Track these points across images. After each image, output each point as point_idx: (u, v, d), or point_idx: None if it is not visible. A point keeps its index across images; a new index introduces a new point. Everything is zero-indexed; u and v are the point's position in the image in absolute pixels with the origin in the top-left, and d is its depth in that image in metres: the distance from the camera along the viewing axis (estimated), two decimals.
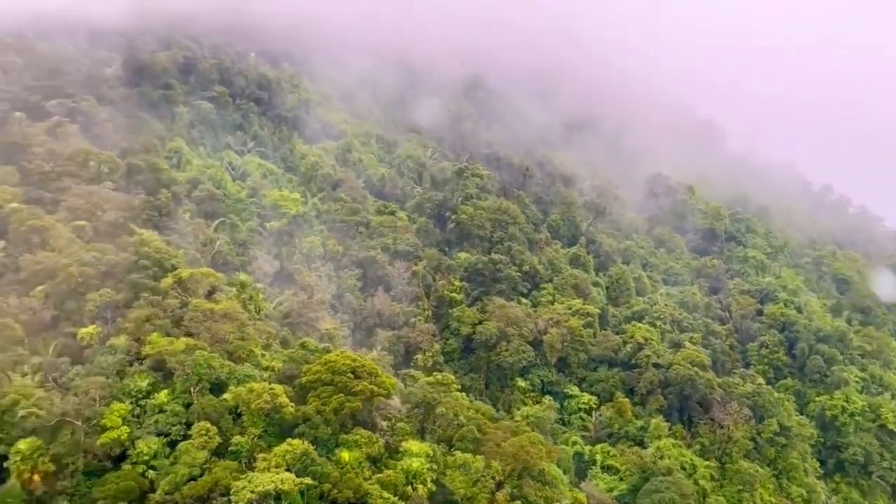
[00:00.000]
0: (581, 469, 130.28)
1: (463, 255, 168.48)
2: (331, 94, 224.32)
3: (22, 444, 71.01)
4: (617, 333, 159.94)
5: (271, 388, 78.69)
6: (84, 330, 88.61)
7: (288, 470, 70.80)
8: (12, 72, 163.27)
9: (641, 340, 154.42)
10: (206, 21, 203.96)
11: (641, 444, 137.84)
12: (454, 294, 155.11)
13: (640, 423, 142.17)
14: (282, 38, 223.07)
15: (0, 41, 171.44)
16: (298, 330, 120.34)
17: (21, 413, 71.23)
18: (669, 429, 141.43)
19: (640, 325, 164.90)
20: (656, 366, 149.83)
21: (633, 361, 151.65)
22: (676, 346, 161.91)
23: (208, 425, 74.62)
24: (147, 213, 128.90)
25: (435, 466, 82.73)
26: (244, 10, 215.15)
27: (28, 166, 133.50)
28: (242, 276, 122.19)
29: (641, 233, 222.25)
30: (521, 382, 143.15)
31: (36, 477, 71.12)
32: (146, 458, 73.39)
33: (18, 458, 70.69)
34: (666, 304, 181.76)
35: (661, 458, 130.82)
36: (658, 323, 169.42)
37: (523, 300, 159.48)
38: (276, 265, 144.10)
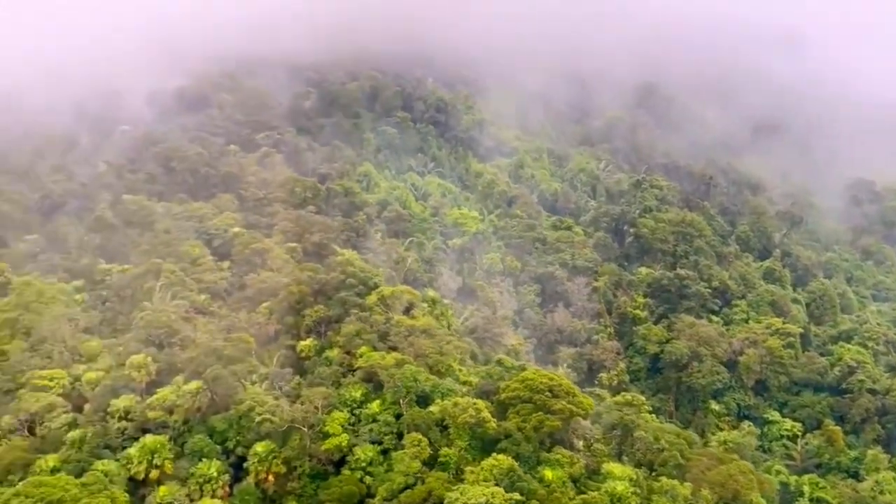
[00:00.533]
0: (786, 500, 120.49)
1: (644, 270, 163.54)
2: (503, 112, 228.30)
3: (259, 447, 79.21)
4: (822, 355, 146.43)
5: (474, 404, 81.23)
6: (303, 343, 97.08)
7: (496, 484, 72.56)
8: (225, 108, 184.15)
9: (852, 363, 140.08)
10: (388, 51, 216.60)
11: (856, 477, 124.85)
12: (637, 311, 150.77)
13: (853, 453, 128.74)
14: (457, 62, 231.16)
15: (215, 82, 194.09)
16: (485, 345, 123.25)
17: (257, 418, 79.47)
18: (889, 461, 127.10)
19: (848, 345, 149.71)
20: (871, 391, 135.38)
21: (842, 386, 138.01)
22: (894, 369, 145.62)
23: (419, 436, 78.52)
24: (346, 234, 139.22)
25: (638, 491, 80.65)
26: (423, 38, 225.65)
27: (244, 194, 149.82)
28: (431, 293, 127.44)
29: (844, 244, 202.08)
30: (714, 405, 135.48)
31: (270, 477, 78.97)
32: (363, 464, 78.73)
33: (256, 460, 78.93)
34: (878, 323, 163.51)
35: (881, 492, 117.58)
36: (870, 344, 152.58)
37: (713, 318, 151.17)
38: (458, 281, 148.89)
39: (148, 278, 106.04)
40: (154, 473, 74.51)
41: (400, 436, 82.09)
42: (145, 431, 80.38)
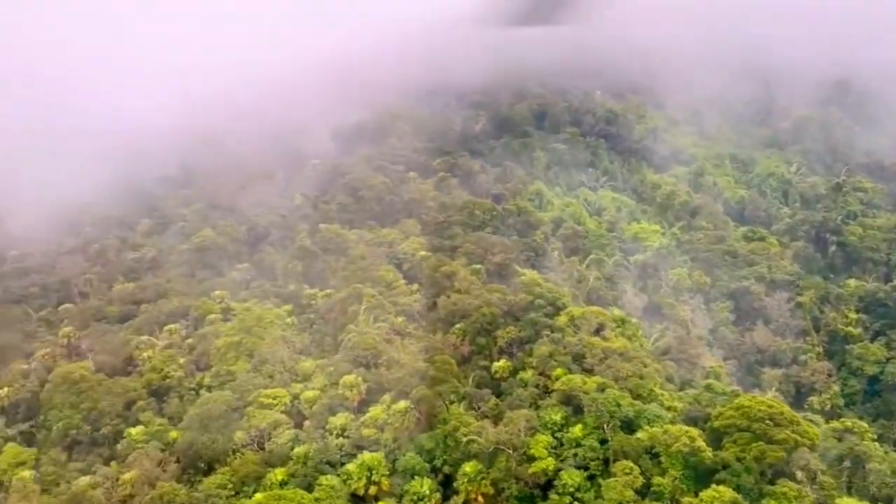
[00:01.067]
0: None
1: (853, 282, 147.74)
2: (677, 118, 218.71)
3: (467, 467, 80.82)
4: None
5: (687, 432, 77.26)
6: (497, 364, 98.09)
7: None
8: (404, 138, 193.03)
9: None
10: (553, 68, 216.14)
11: None
12: (850, 328, 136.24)
13: None
14: (625, 71, 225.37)
15: (392, 112, 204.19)
16: (680, 367, 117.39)
17: (464, 439, 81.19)
18: None
19: None
20: None
21: None
22: None
23: (630, 464, 76.05)
24: (525, 254, 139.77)
25: None
26: (587, 50, 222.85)
27: (425, 218, 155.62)
28: (616, 311, 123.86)
29: None
30: None
31: (479, 498, 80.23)
32: (571, 489, 77.50)
33: (465, 480, 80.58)
34: None
35: None
36: None
37: None
38: (643, 299, 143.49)
39: (351, 302, 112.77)
40: (372, 489, 78.33)
41: (606, 462, 79.92)
42: (360, 448, 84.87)
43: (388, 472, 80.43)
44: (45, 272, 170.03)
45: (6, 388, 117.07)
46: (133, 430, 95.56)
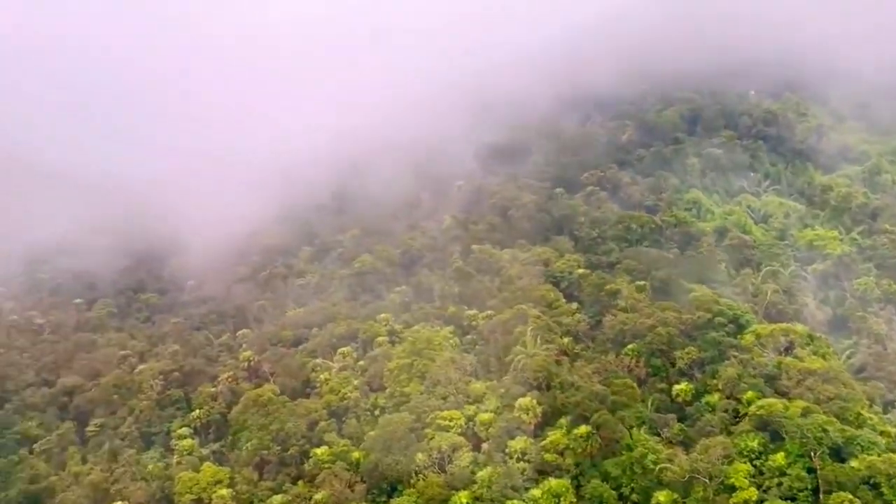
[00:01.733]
0: None
1: None
2: (843, 113, 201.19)
3: (661, 496, 77.20)
4: None
5: None
6: (678, 386, 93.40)
7: None
8: (548, 154, 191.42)
9: None
10: (701, 70, 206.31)
11: None
12: None
13: None
14: (780, 68, 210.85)
15: (534, 128, 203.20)
16: (881, 386, 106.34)
17: (657, 466, 77.72)
18: None
19: None
20: None
21: None
22: None
23: (848, 496, 69.35)
24: (689, 268, 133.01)
25: None
26: (737, 49, 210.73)
27: (578, 234, 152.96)
28: (800, 327, 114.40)
29: None
30: None
31: None
32: None
33: None
34: None
35: None
36: None
37: None
38: (827, 312, 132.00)
39: (515, 323, 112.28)
40: None
41: (815, 492, 73.37)
42: (542, 473, 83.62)
43: (574, 499, 78.47)
44: (220, 300, 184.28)
45: (198, 411, 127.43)
46: (318, 451, 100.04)
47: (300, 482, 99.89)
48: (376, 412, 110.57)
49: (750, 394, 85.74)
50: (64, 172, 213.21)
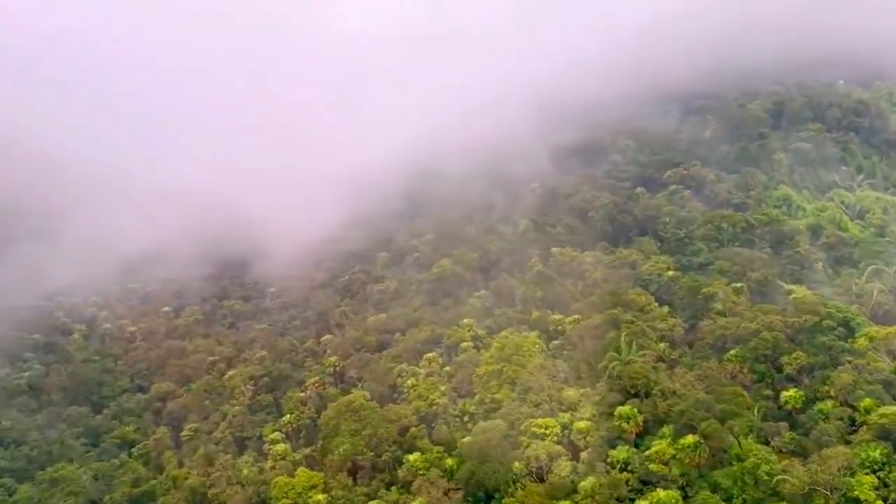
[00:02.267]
0: None
1: None
2: None
3: None
4: None
5: None
6: (787, 393, 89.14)
7: None
8: (626, 152, 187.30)
9: None
10: (785, 61, 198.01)
11: None
12: None
13: None
14: (868, 56, 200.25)
15: (610, 127, 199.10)
16: None
17: (773, 479, 74.17)
18: None
19: None
20: None
21: None
22: None
23: None
24: (786, 268, 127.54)
25: None
26: (823, 39, 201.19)
27: (664, 235, 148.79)
28: None
29: None
30: None
31: None
32: None
33: None
34: None
35: None
36: None
37: None
38: None
39: (605, 328, 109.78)
40: None
41: None
42: (645, 483, 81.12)
43: None
44: (301, 306, 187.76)
45: (288, 416, 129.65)
46: (412, 457, 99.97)
47: (393, 488, 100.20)
48: (465, 418, 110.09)
49: (867, 401, 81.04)
50: (151, 187, 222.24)
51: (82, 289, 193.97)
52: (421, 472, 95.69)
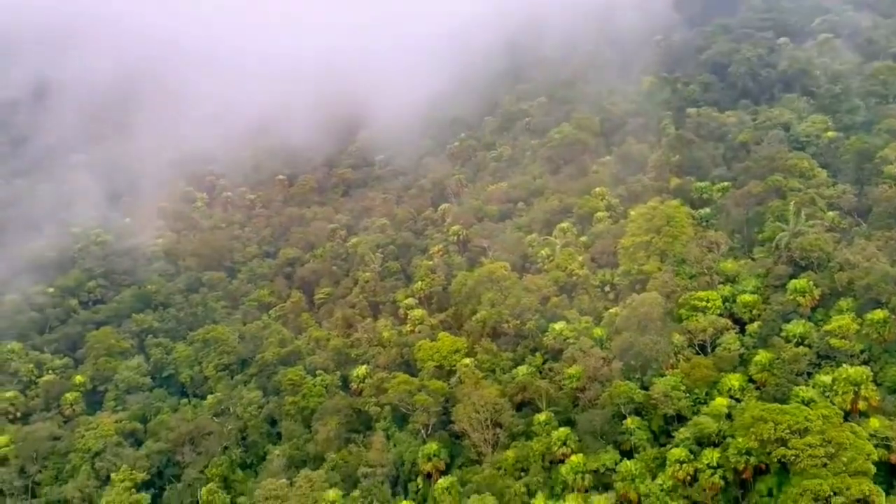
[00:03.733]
0: None
1: None
2: None
3: None
4: None
5: None
6: None
7: None
8: None
9: None
10: None
11: None
12: None
13: None
14: None
15: None
16: None
17: None
18: None
19: None
20: None
21: None
22: None
23: None
24: None
25: None
26: None
27: (815, 91, 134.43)
28: None
29: None
30: None
31: None
32: None
33: None
34: None
35: None
36: None
37: None
38: None
39: (763, 196, 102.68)
40: (861, 404, 71.31)
41: None
42: (824, 358, 77.89)
43: (874, 388, 72.44)
44: (412, 174, 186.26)
45: (420, 283, 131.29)
46: (556, 326, 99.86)
47: (538, 354, 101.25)
48: (606, 289, 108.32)
49: None
50: (260, 60, 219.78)
51: (200, 158, 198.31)
52: (570, 341, 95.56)
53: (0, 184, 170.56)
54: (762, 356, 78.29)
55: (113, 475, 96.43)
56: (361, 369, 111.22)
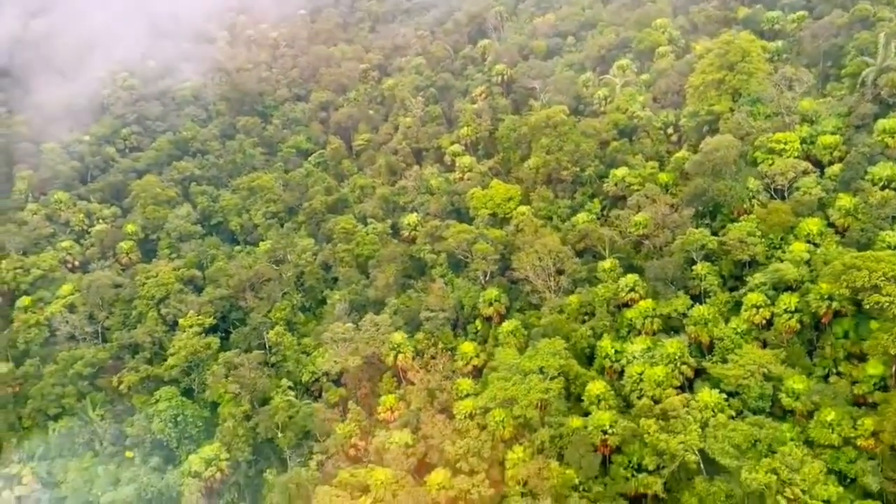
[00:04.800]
0: None
1: None
2: None
3: None
4: None
5: None
6: None
7: None
8: None
9: None
10: None
11: None
12: None
13: None
14: None
15: None
16: None
17: None
18: None
19: None
20: None
21: None
22: None
23: None
24: None
25: None
26: None
27: None
28: None
29: None
30: None
31: None
32: None
33: None
34: None
35: None
36: None
37: None
38: None
39: (848, 27, 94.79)
40: None
41: None
42: None
43: None
44: (444, 6, 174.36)
45: (465, 128, 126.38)
46: (618, 172, 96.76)
47: (595, 200, 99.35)
48: (669, 131, 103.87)
49: None
50: None
51: None
52: (636, 188, 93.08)
53: (16, 25, 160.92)
54: (845, 200, 75.93)
55: (181, 320, 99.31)
56: (412, 217, 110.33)
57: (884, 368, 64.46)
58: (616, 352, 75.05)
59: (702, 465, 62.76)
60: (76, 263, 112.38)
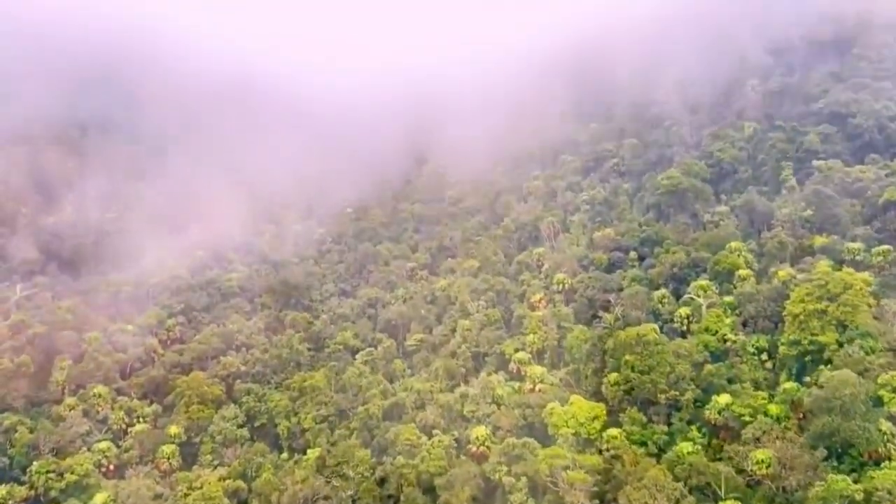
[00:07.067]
0: None
1: None
2: None
3: None
4: None
5: None
6: None
7: None
8: (884, 44, 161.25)
9: None
10: None
11: None
12: None
13: None
14: None
15: (850, 17, 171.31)
16: None
17: None
18: None
19: None
20: None
21: None
22: None
23: None
24: None
25: None
26: None
27: None
28: None
29: None
30: None
31: None
32: None
33: None
34: None
35: None
36: None
37: None
38: None
39: None
40: None
41: None
42: None
43: None
44: (488, 211, 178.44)
45: (532, 336, 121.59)
46: (720, 399, 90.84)
47: (693, 427, 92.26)
48: (763, 357, 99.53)
49: None
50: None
51: (263, 185, 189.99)
52: (746, 419, 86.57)
53: (69, 211, 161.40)
54: None
55: None
56: (481, 430, 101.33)
57: None
58: None
59: None
60: (112, 467, 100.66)
